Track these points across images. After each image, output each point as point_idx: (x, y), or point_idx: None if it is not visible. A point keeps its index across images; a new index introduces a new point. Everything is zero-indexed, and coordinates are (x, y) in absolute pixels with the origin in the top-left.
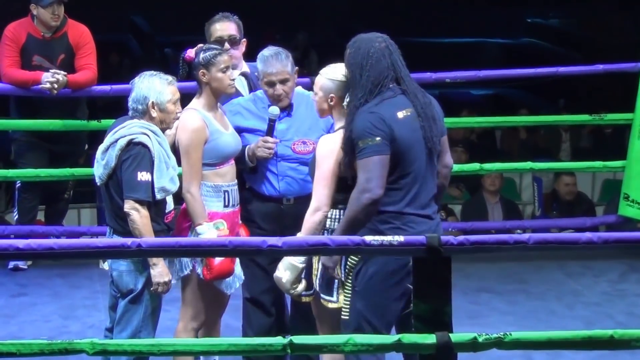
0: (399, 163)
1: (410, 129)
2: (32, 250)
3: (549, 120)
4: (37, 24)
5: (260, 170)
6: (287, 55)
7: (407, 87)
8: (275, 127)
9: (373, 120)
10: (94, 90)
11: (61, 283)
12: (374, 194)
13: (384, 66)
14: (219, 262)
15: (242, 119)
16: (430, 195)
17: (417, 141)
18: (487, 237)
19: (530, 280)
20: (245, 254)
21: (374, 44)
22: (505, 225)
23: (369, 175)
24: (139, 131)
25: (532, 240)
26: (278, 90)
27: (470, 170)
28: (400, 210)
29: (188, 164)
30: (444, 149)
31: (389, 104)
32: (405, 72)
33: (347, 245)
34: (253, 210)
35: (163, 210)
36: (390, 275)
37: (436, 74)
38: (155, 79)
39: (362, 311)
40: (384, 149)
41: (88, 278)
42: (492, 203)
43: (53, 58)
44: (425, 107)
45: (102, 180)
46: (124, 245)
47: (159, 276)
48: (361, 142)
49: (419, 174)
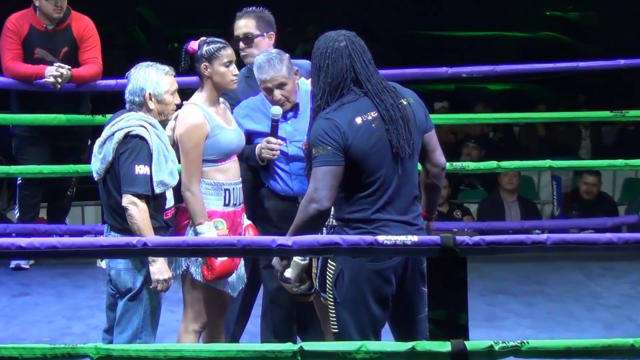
0: (361, 171)
1: (371, 134)
2: (35, 249)
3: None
4: (40, 15)
5: (273, 169)
6: (280, 60)
7: (370, 89)
8: (279, 127)
9: (326, 128)
10: (99, 85)
11: (64, 283)
12: (321, 205)
13: (341, 67)
14: (221, 262)
15: (251, 122)
16: (408, 200)
17: (382, 146)
18: (503, 238)
19: (548, 281)
20: (255, 254)
21: (333, 43)
22: (523, 225)
23: (317, 185)
24: (137, 123)
25: (550, 240)
26: (276, 96)
27: (487, 168)
28: (368, 217)
29: (188, 160)
30: (432, 147)
31: (348, 109)
32: (367, 72)
33: (359, 245)
34: (270, 209)
35: (162, 206)
36: (365, 283)
37: (452, 68)
38: (152, 70)
39: (348, 322)
40: (336, 159)
41: (92, 277)
42: (510, 202)
43: (56, 51)
44: (391, 108)
45: (99, 175)
46: (129, 245)
47: (158, 273)
48: (314, 150)
49: (387, 179)
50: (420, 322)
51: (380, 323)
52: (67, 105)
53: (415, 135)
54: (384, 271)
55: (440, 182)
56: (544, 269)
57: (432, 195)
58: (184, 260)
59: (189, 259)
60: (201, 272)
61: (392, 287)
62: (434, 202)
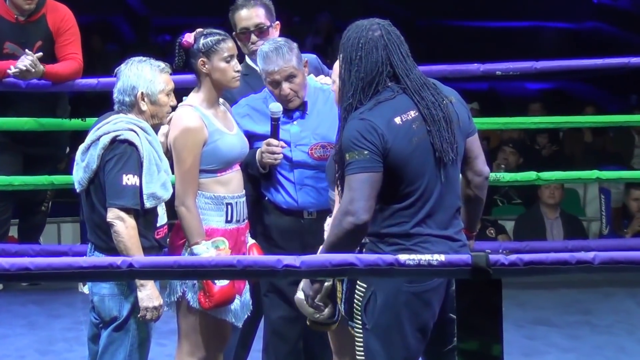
0: (401, 178)
1: (412, 137)
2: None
3: (619, 120)
4: (10, 5)
5: (275, 178)
6: (290, 48)
7: (409, 85)
8: (282, 128)
9: (362, 129)
10: (78, 84)
11: (38, 311)
12: (358, 218)
13: (376, 60)
14: (219, 287)
15: (251, 123)
16: (450, 213)
17: (423, 150)
18: (544, 256)
19: (595, 310)
20: (257, 276)
21: (366, 33)
22: (566, 245)
23: (353, 196)
24: (126, 127)
25: (598, 259)
26: (285, 90)
27: (525, 180)
28: (407, 232)
29: (182, 170)
30: (474, 154)
31: (385, 108)
32: (406, 65)
33: (378, 266)
34: (270, 226)
35: (153, 223)
36: (402, 308)
37: (485, 65)
38: (145, 66)
39: (378, 353)
40: (374, 165)
41: (69, 305)
42: (551, 219)
43: (28, 45)
44: (433, 107)
45: (82, 186)
46: (112, 266)
47: (147, 300)
48: (348, 155)
49: (429, 188)
50: (449, 356)
51: (415, 356)
52: (42, 107)
53: (459, 139)
54: (425, 294)
55: (483, 193)
56: (590, 297)
57: (474, 209)
58: (179, 285)
59: (185, 284)
60: (198, 298)
61: (434, 313)
62: (476, 217)
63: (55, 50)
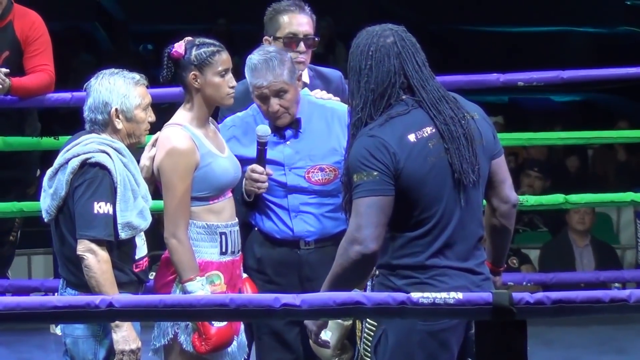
0: (415, 203)
1: (427, 156)
2: None
3: None
4: None
5: (265, 205)
6: (281, 61)
7: (425, 98)
8: (272, 148)
9: (371, 148)
10: (50, 99)
11: (5, 355)
12: (366, 247)
13: (388, 70)
14: (217, 329)
15: (238, 146)
16: (471, 242)
17: (440, 171)
18: (574, 295)
19: (632, 349)
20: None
21: (378, 39)
22: (598, 277)
23: (360, 222)
24: (97, 148)
25: (634, 297)
26: (273, 106)
27: (551, 203)
28: (422, 264)
29: (173, 198)
30: (500, 178)
31: (397, 123)
32: (421, 76)
33: (388, 305)
34: (263, 259)
35: (131, 255)
36: (417, 348)
37: (505, 75)
38: (118, 79)
39: None
40: (384, 188)
41: (40, 348)
42: (581, 247)
43: None
44: (451, 123)
45: (50, 216)
46: (90, 305)
47: (123, 342)
48: (355, 176)
49: (447, 214)
50: None
51: None
52: (8, 124)
53: (482, 159)
54: (442, 333)
55: (510, 223)
56: (626, 333)
57: (501, 241)
58: (170, 327)
59: (177, 325)
60: (192, 341)
61: (452, 355)
62: (503, 250)
63: (23, 62)
